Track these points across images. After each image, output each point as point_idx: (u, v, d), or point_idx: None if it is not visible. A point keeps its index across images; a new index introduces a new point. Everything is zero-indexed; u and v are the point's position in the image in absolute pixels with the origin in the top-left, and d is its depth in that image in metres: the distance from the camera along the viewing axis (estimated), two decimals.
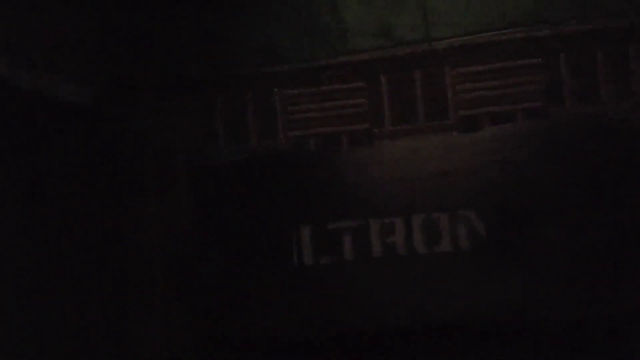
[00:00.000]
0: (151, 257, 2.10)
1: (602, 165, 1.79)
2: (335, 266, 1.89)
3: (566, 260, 1.78)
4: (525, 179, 1.82)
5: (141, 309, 2.09)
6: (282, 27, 2.09)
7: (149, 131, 2.13)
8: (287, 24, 2.09)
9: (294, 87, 2.06)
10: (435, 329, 1.85)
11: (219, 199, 1.99)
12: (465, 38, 1.99)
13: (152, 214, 2.11)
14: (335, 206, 1.91)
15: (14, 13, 1.78)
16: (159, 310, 2.08)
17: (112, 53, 2.18)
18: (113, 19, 2.19)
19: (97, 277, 2.09)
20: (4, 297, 1.70)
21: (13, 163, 1.82)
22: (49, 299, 1.87)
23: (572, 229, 1.78)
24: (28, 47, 1.83)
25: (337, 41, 2.06)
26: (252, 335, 1.93)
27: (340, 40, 2.06)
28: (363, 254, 1.88)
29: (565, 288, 1.76)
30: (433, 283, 1.83)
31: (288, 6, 2.09)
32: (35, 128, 1.92)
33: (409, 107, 2.00)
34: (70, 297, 1.96)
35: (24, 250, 1.81)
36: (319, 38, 2.07)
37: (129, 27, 2.18)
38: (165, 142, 2.12)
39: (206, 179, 2.02)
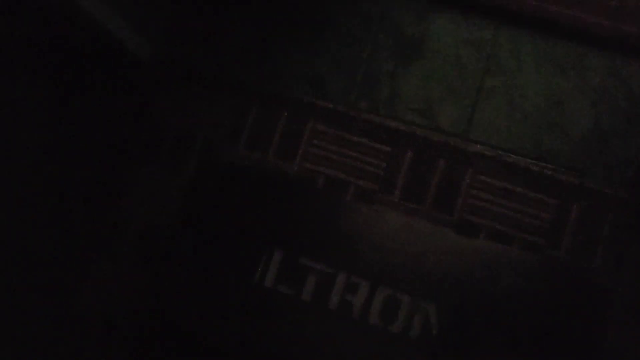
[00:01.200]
0: (131, 222, 2.13)
1: (560, 311, 1.83)
2: (289, 298, 1.91)
3: None
4: (490, 299, 1.86)
5: (99, 268, 2.11)
6: (338, 67, 2.18)
7: (179, 109, 2.20)
8: (344, 67, 2.18)
9: (327, 125, 2.14)
10: None
11: (215, 196, 2.03)
12: (497, 151, 2.06)
13: (151, 186, 2.15)
14: (314, 245, 1.95)
15: None
16: (116, 273, 2.10)
17: (178, 23, 2.27)
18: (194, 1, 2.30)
19: (70, 224, 2.12)
20: None
21: (51, 78, 1.88)
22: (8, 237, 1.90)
23: (513, 356, 1.81)
24: None
25: (383, 101, 2.15)
26: (185, 329, 1.94)
27: (386, 101, 2.14)
28: (319, 300, 1.90)
29: None
30: (369, 355, 1.84)
31: (352, 51, 2.18)
32: (89, 60, 1.99)
33: (422, 189, 2.06)
34: (33, 237, 1.99)
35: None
36: (369, 91, 2.16)
37: (201, 9, 2.28)
38: (189, 125, 2.19)
39: (211, 174, 2.07)
